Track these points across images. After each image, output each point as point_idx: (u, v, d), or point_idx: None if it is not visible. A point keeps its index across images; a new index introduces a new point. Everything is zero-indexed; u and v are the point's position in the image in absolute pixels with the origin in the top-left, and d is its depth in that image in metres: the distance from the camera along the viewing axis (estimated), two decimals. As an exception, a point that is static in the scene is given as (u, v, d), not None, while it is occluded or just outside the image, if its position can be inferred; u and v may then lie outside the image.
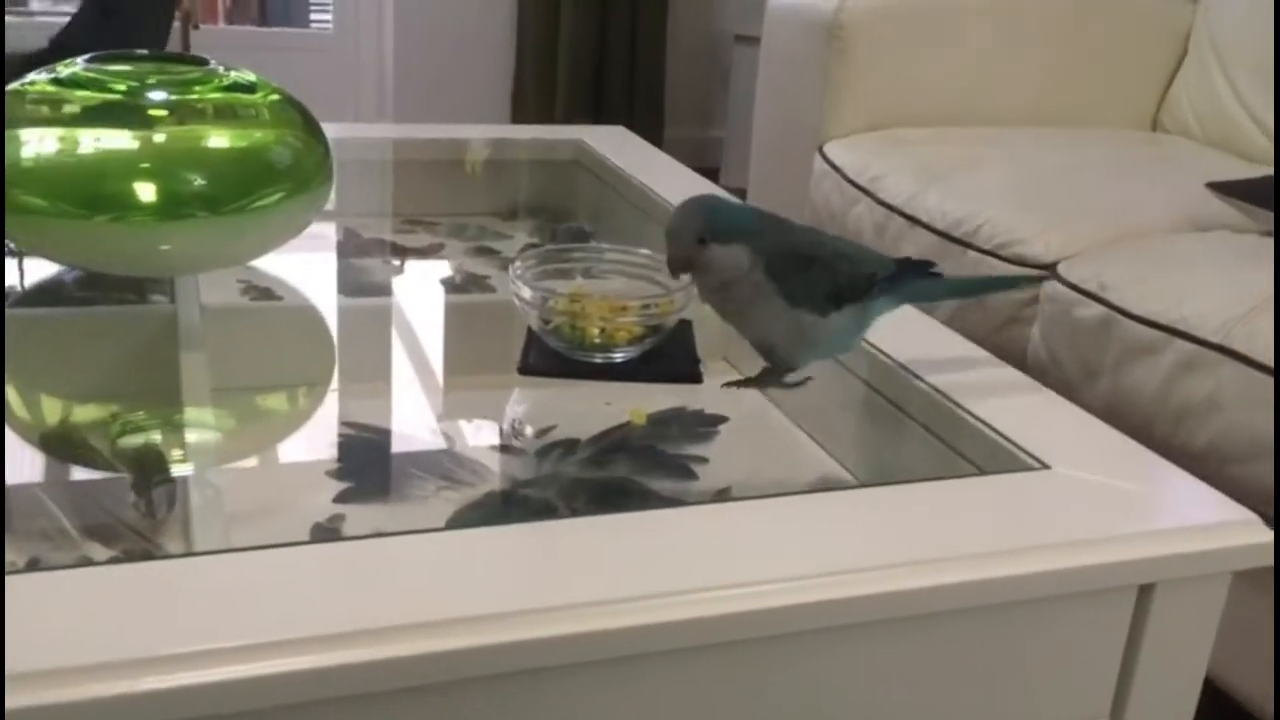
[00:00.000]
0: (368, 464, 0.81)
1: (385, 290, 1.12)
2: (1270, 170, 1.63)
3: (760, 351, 0.77)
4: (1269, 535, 0.64)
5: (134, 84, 0.87)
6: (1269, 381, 1.06)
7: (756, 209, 0.77)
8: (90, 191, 0.83)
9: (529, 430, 0.85)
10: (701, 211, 0.74)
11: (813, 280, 0.74)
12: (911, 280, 0.78)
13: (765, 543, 0.60)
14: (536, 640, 0.52)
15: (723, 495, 0.78)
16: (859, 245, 0.80)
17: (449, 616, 0.52)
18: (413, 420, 0.87)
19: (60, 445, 0.80)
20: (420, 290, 1.13)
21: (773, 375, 0.79)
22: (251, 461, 0.83)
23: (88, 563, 0.67)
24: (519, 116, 3.31)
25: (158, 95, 0.87)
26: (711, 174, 3.16)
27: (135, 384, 0.90)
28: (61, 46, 2.11)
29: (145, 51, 0.91)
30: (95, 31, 2.10)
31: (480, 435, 0.86)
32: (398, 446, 0.83)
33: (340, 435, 0.85)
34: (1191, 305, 1.16)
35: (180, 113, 0.87)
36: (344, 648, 0.50)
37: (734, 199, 0.78)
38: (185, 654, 0.48)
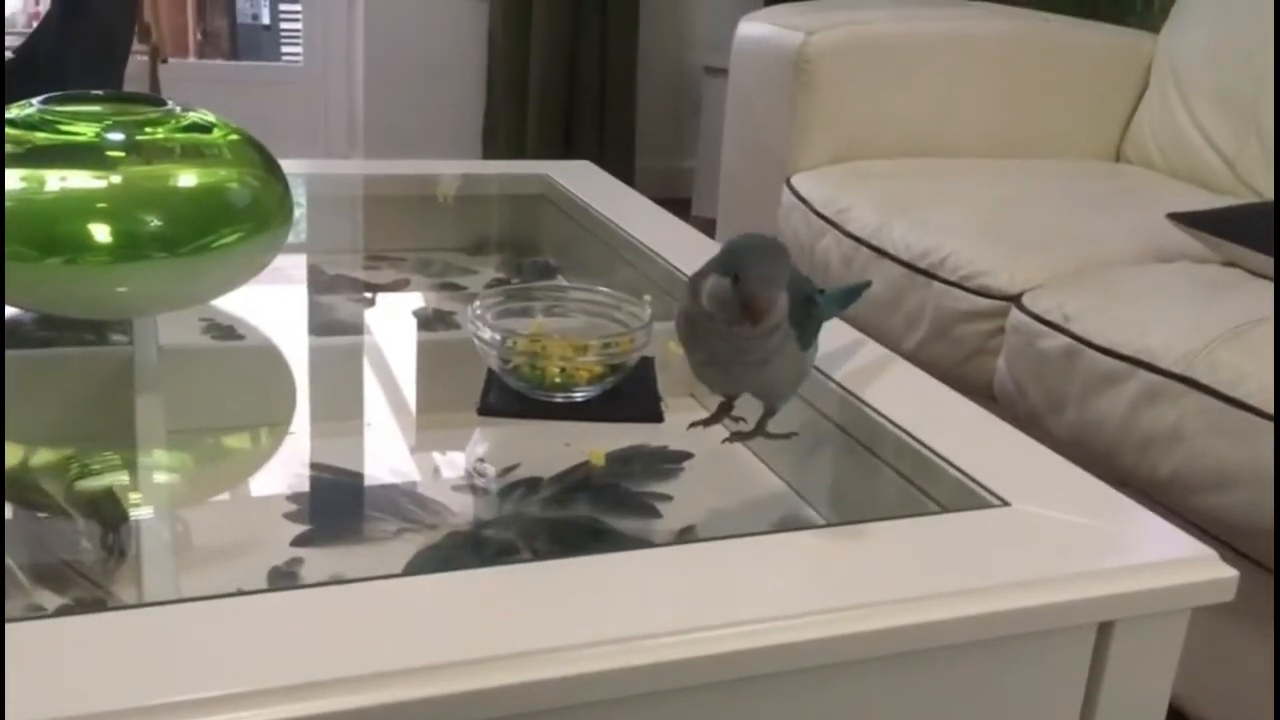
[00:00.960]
0: (327, 506, 0.80)
1: (349, 328, 1.11)
2: (1230, 201, 1.64)
3: (761, 398, 0.75)
4: (1228, 571, 0.64)
5: (90, 125, 0.86)
6: (1231, 412, 1.07)
7: None
8: (44, 233, 0.82)
9: (491, 470, 0.85)
10: (783, 254, 0.67)
11: (815, 323, 0.74)
12: (823, 298, 0.79)
13: (729, 585, 0.60)
14: (501, 688, 0.52)
15: (687, 533, 0.78)
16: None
17: (411, 665, 0.51)
18: (373, 461, 0.87)
19: (14, 489, 0.79)
20: (384, 327, 1.13)
21: (764, 420, 0.76)
22: (208, 505, 0.82)
23: (38, 610, 0.65)
24: (490, 150, 3.31)
25: (115, 136, 0.87)
26: (683, 205, 3.18)
27: (92, 427, 0.89)
28: (31, 51, 2.10)
29: (101, 92, 0.90)
30: (63, 30, 2.09)
31: (441, 476, 0.85)
32: (357, 487, 0.83)
33: (299, 477, 0.84)
34: (1154, 336, 1.17)
35: (137, 153, 0.87)
36: (301, 699, 0.49)
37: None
38: (140, 707, 0.47)
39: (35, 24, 2.32)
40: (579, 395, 0.88)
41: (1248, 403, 1.06)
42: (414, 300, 1.18)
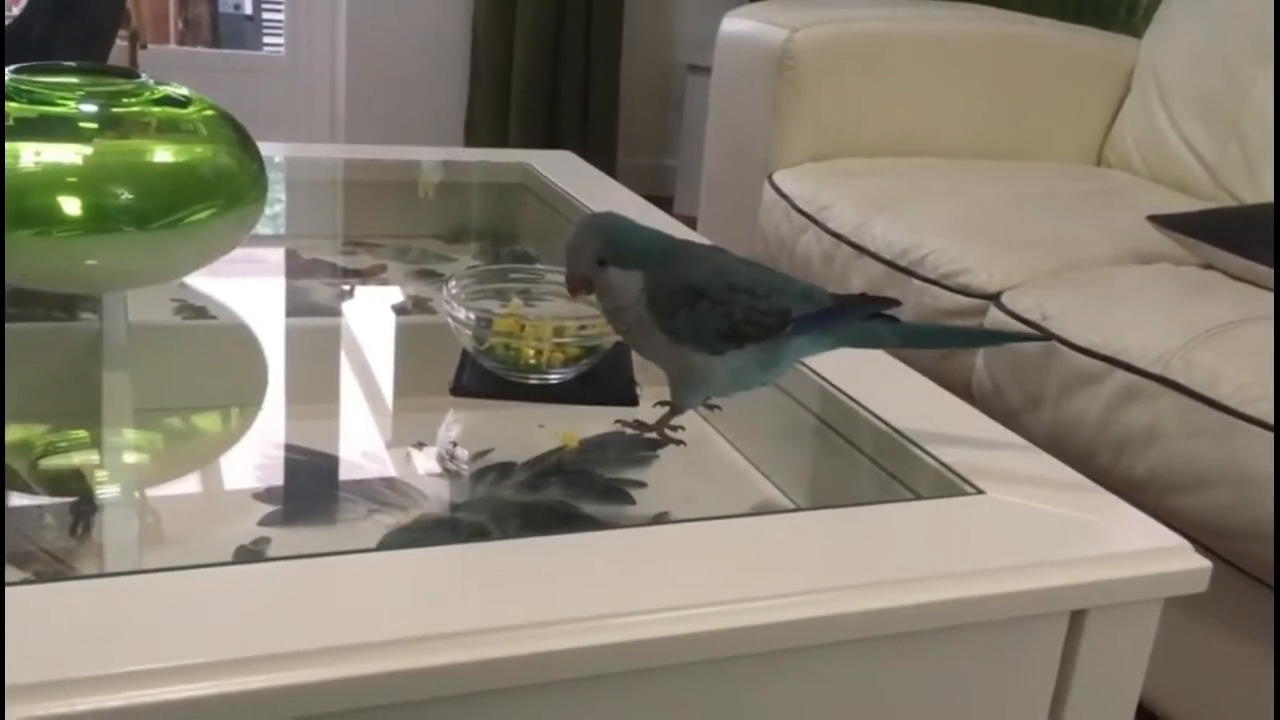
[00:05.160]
0: (296, 486, 0.79)
1: (322, 311, 1.10)
2: (1210, 205, 1.65)
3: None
4: (1200, 562, 0.64)
5: (63, 96, 0.85)
6: (1207, 412, 1.07)
7: (664, 233, 0.74)
8: (14, 204, 0.81)
9: (464, 453, 0.84)
10: (602, 232, 0.71)
11: (700, 318, 0.70)
12: (850, 321, 0.73)
13: (699, 567, 0.59)
14: (468, 664, 0.51)
15: (660, 519, 0.77)
16: (786, 279, 0.73)
17: (378, 639, 0.51)
18: (345, 442, 0.86)
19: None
20: (359, 311, 1.12)
21: (666, 418, 0.77)
22: (174, 484, 0.80)
23: (-2, 585, 0.64)
24: (472, 143, 3.30)
25: (88, 108, 0.85)
26: (665, 202, 3.18)
27: (60, 404, 0.88)
28: (22, 31, 2.08)
29: (74, 64, 0.89)
30: (55, 12, 2.07)
31: (413, 458, 0.84)
32: (328, 468, 0.81)
33: (269, 457, 0.83)
34: (1132, 336, 1.17)
35: (109, 126, 0.85)
36: (264, 671, 0.48)
37: (634, 221, 0.74)
38: (96, 677, 0.47)
39: (15, 6, 2.30)
40: (553, 377, 0.87)
41: (1224, 403, 1.06)
42: (390, 286, 1.17)
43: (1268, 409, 1.03)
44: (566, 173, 1.45)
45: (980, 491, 0.69)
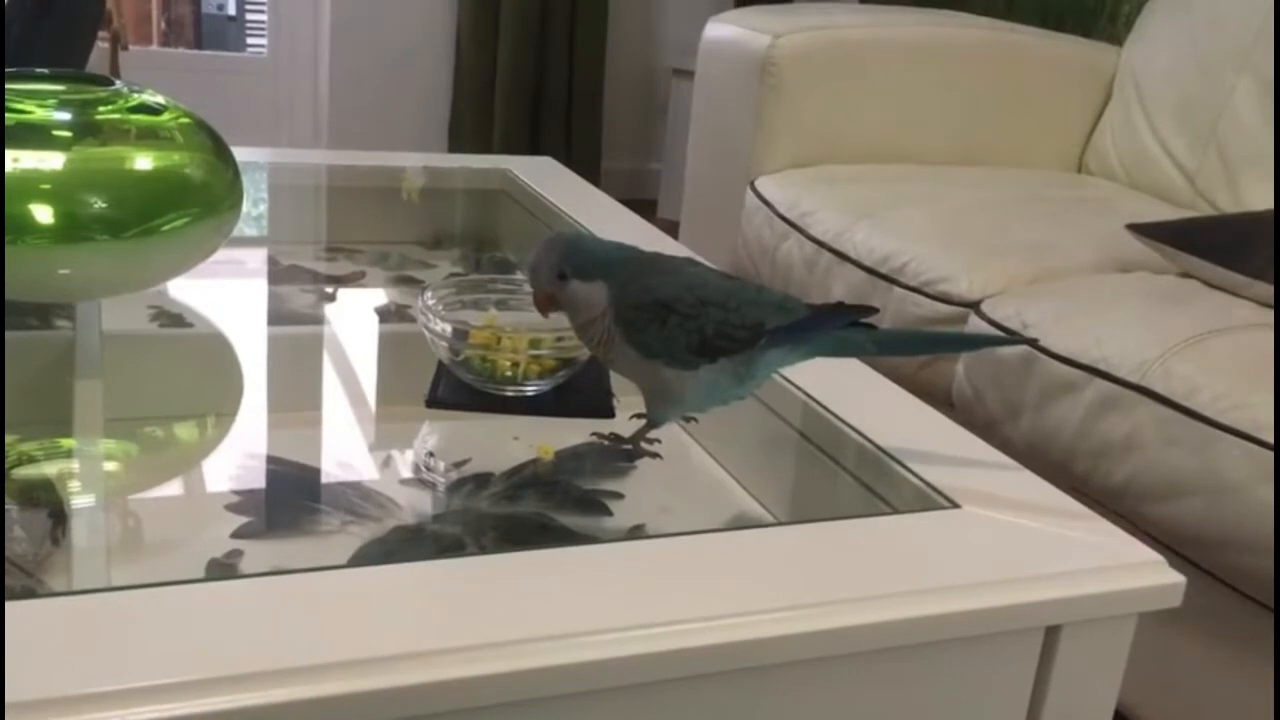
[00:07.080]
0: (270, 497, 0.79)
1: (300, 319, 1.10)
2: (1188, 213, 1.65)
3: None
4: (1175, 577, 0.64)
5: (37, 103, 0.84)
6: (1185, 421, 1.07)
7: (628, 246, 0.74)
8: (-15, 213, 0.80)
9: (440, 464, 0.83)
10: (559, 247, 0.72)
11: (671, 333, 0.70)
12: (825, 331, 0.73)
13: (675, 583, 0.59)
14: (442, 682, 0.51)
15: (637, 531, 0.77)
16: (760, 290, 0.73)
17: (350, 658, 0.50)
18: (320, 453, 0.85)
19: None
20: (337, 319, 1.11)
21: (642, 431, 0.77)
22: (146, 495, 0.80)
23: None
24: (456, 146, 3.29)
25: (62, 115, 0.85)
26: (649, 206, 3.18)
27: (32, 414, 0.87)
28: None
29: (46, 70, 0.88)
30: (35, 16, 2.06)
31: (388, 469, 0.84)
32: (303, 479, 0.81)
33: (242, 467, 0.82)
34: (1111, 345, 1.17)
35: (84, 133, 0.85)
36: (233, 692, 0.48)
37: (593, 235, 0.75)
38: (63, 698, 0.46)
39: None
40: (530, 389, 0.87)
41: (1201, 413, 1.06)
42: (369, 293, 1.17)
43: (1244, 418, 1.03)
44: (547, 178, 1.45)
45: (956, 506, 0.69)
